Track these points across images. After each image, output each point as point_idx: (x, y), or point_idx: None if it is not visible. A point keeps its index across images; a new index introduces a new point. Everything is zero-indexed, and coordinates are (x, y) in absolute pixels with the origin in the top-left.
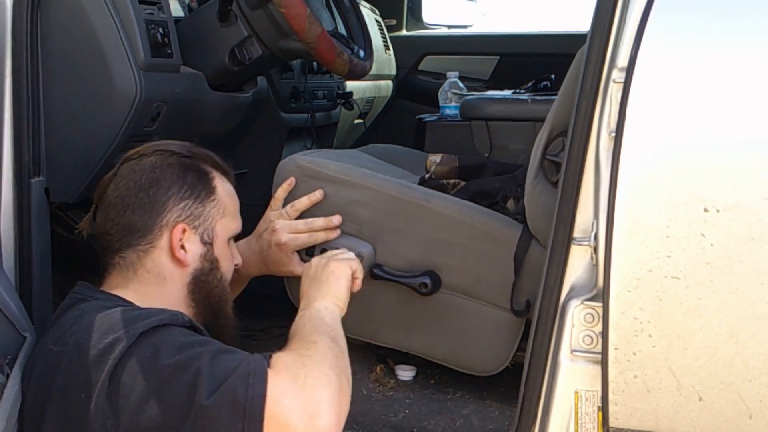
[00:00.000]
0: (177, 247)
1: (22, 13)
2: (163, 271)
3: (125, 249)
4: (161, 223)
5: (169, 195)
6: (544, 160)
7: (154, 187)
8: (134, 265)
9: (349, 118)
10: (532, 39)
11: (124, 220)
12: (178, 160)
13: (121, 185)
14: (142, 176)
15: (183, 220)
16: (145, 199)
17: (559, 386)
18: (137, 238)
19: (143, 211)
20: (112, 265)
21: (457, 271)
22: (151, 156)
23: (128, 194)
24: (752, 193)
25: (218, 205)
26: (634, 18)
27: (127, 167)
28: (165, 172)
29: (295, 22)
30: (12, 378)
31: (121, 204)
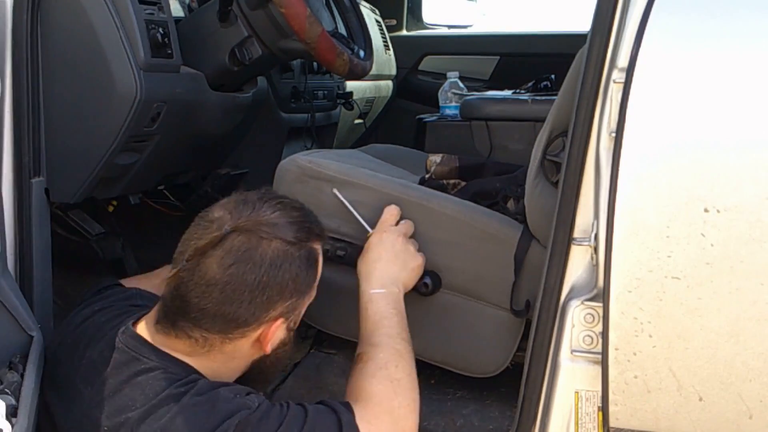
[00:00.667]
0: (269, 341)
1: (22, 14)
2: (238, 354)
3: (215, 332)
4: (263, 320)
5: (282, 297)
6: (544, 160)
7: (271, 288)
8: (212, 348)
9: (349, 118)
10: (532, 39)
11: (226, 309)
12: (298, 251)
13: (233, 268)
14: (262, 270)
15: (283, 315)
16: (259, 299)
17: (560, 386)
18: (232, 328)
19: (252, 310)
20: (188, 335)
21: (458, 271)
22: (272, 242)
23: (242, 286)
24: (752, 193)
25: (313, 291)
26: (634, 18)
27: (241, 245)
28: (286, 271)
29: (295, 22)
30: (27, 377)
31: (230, 292)
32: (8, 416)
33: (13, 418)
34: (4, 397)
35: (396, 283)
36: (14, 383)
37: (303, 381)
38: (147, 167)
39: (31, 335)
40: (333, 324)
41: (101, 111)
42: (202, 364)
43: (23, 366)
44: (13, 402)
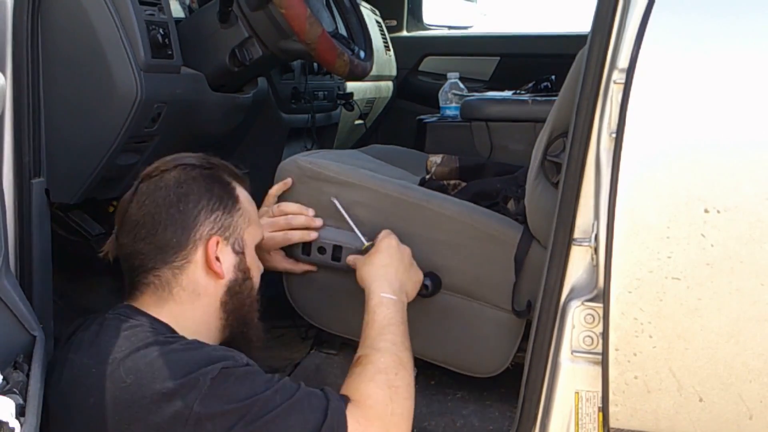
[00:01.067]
0: (213, 260)
1: (22, 14)
2: (198, 286)
3: (160, 267)
4: (195, 238)
5: (200, 208)
6: (544, 161)
7: (183, 202)
8: (170, 284)
9: (349, 118)
10: (533, 40)
11: (156, 238)
12: (200, 173)
13: (147, 203)
14: (169, 192)
15: (215, 232)
16: (177, 215)
17: (560, 387)
18: (172, 254)
19: (176, 227)
20: (145, 284)
21: (458, 271)
22: (172, 171)
23: (157, 211)
24: (752, 193)
25: (243, 214)
26: (634, 19)
27: (148, 184)
28: (191, 186)
29: (296, 22)
30: (33, 376)
31: (152, 222)
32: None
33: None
34: (13, 397)
35: (404, 291)
36: (20, 383)
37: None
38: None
39: (33, 335)
40: (333, 322)
41: (101, 111)
42: (175, 313)
43: (28, 365)
44: (20, 401)
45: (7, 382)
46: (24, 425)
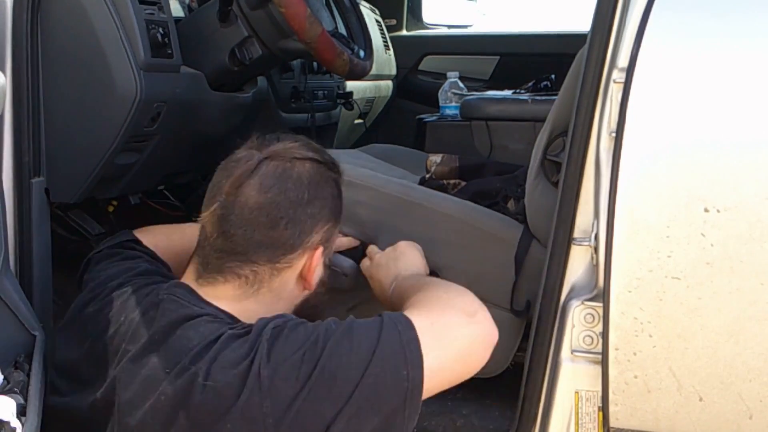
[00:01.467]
0: (313, 271)
1: (22, 13)
2: (284, 291)
3: (263, 263)
4: (306, 245)
5: (322, 215)
6: (544, 160)
7: (313, 205)
8: (261, 283)
9: (349, 118)
10: (532, 39)
11: (274, 233)
12: (331, 176)
13: (273, 189)
14: (302, 188)
15: (322, 243)
16: (303, 217)
17: (560, 386)
18: (280, 254)
19: (296, 229)
20: (237, 275)
21: (458, 271)
22: (306, 163)
23: (285, 204)
24: (752, 193)
25: (339, 224)
26: (634, 18)
27: (277, 167)
28: (325, 189)
29: (295, 22)
30: (33, 376)
31: (276, 213)
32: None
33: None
34: (14, 396)
35: (397, 274)
36: (21, 382)
37: None
38: (147, 167)
39: (33, 334)
40: None
41: (101, 111)
42: (249, 309)
43: (29, 365)
44: (21, 401)
45: (7, 381)
46: (25, 425)
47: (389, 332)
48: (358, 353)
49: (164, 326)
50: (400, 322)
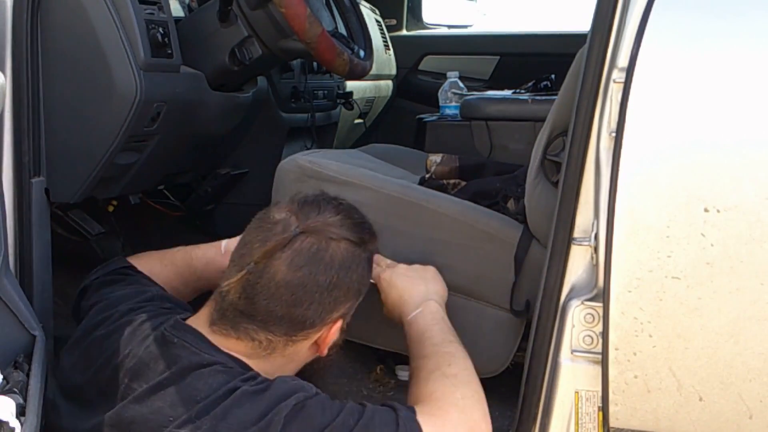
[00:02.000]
0: (327, 342)
1: (22, 13)
2: (297, 356)
3: (280, 335)
4: (326, 321)
5: (348, 297)
6: (544, 160)
7: (338, 289)
8: (274, 351)
9: (349, 118)
10: (532, 39)
11: (295, 311)
12: (363, 256)
13: (303, 269)
14: (331, 272)
15: (342, 316)
16: (327, 300)
17: (560, 386)
18: (298, 330)
19: (320, 311)
20: (251, 338)
21: (458, 271)
22: (340, 243)
23: (311, 286)
24: (752, 193)
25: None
26: (634, 18)
27: (312, 247)
28: (354, 272)
29: (295, 22)
30: (33, 376)
31: (301, 293)
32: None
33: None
34: (13, 396)
35: (426, 297)
36: (20, 382)
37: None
38: (147, 167)
39: (33, 334)
40: None
41: (101, 111)
42: (259, 366)
43: (28, 365)
44: (21, 401)
45: (7, 381)
46: (24, 425)
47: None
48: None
49: (174, 372)
50: (412, 427)
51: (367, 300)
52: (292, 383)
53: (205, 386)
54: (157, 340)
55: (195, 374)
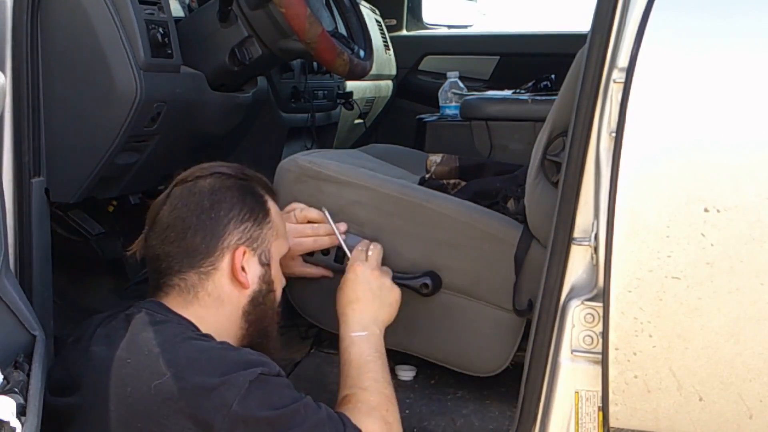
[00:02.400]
0: (238, 269)
1: (22, 13)
2: (223, 293)
3: (186, 270)
4: (223, 246)
5: (230, 217)
6: (544, 160)
7: (215, 209)
8: (195, 288)
9: (349, 118)
10: (532, 39)
11: (185, 242)
12: (235, 182)
13: (179, 207)
14: (202, 198)
15: (243, 242)
16: (207, 221)
17: (560, 386)
18: (199, 259)
19: (205, 233)
20: (171, 286)
21: (458, 271)
22: (208, 178)
23: (189, 216)
24: (752, 193)
25: (273, 227)
26: (634, 18)
27: (182, 189)
28: (225, 194)
29: (295, 22)
30: (33, 376)
31: (182, 225)
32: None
33: (22, 417)
34: (14, 396)
35: (376, 323)
36: (21, 382)
37: (303, 381)
38: (147, 167)
39: (33, 334)
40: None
41: (101, 111)
42: (201, 315)
43: (29, 365)
44: (21, 401)
45: (7, 381)
46: (25, 425)
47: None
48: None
49: (130, 333)
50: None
51: None
52: (259, 356)
53: (160, 336)
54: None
55: (150, 329)
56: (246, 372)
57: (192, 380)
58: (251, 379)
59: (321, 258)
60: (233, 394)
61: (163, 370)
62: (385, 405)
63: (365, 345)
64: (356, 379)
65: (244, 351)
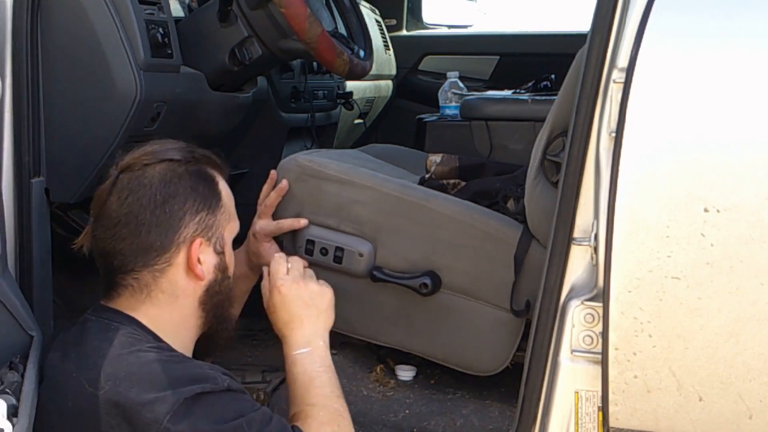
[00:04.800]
0: (195, 263)
1: (22, 13)
2: (178, 289)
3: (140, 269)
4: (179, 240)
5: (185, 210)
6: (544, 160)
7: (169, 203)
8: (149, 287)
9: (349, 118)
10: (532, 39)
11: (139, 240)
12: (186, 169)
13: (130, 200)
14: (154, 192)
15: (199, 233)
16: (162, 217)
17: (560, 386)
18: (154, 257)
19: (160, 230)
20: (124, 286)
21: (458, 271)
22: (156, 166)
23: (141, 211)
24: (752, 193)
25: (225, 210)
26: (634, 18)
27: (130, 178)
28: (177, 186)
29: (295, 22)
30: (27, 377)
31: (135, 222)
32: (9, 416)
33: (14, 418)
34: (5, 397)
35: (317, 334)
36: (15, 383)
37: None
38: None
39: (31, 335)
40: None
41: (101, 111)
42: (154, 314)
43: (23, 366)
44: (14, 402)
45: (1, 382)
46: (16, 426)
47: None
48: None
49: (84, 343)
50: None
51: (368, 298)
52: (206, 371)
53: (109, 346)
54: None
55: (101, 338)
56: (184, 389)
57: (127, 395)
58: (187, 396)
59: (320, 258)
60: (165, 410)
61: (102, 384)
62: (336, 420)
63: (308, 361)
64: (304, 396)
65: (191, 365)
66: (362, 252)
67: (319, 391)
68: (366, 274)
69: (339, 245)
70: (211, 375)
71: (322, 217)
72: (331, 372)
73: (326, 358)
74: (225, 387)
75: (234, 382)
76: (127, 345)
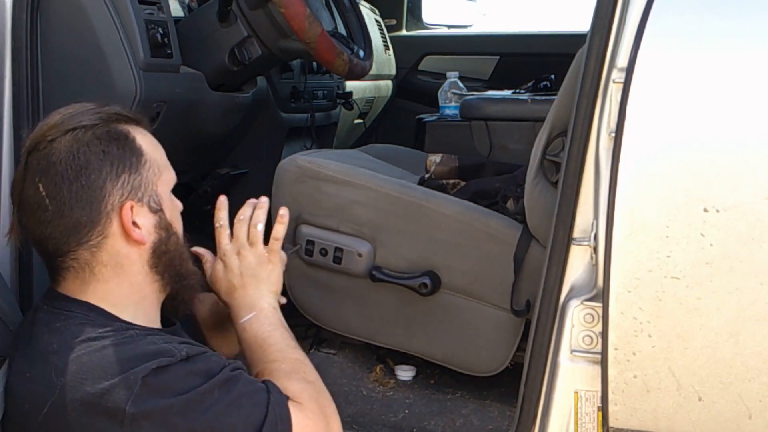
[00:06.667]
0: (131, 228)
1: (22, 13)
2: (121, 258)
3: (75, 249)
4: (107, 210)
5: (104, 177)
6: (544, 160)
7: (84, 175)
8: (90, 264)
9: (348, 118)
10: (532, 39)
11: (64, 220)
12: (93, 134)
13: (44, 182)
14: (65, 167)
15: (127, 197)
16: (81, 191)
17: (559, 386)
18: (85, 233)
19: (83, 204)
20: (66, 269)
21: (457, 271)
22: (61, 139)
23: (58, 191)
24: (752, 193)
25: (151, 165)
26: (633, 18)
27: (39, 159)
28: (87, 154)
29: (295, 22)
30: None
31: (55, 203)
32: None
33: None
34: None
35: (260, 298)
36: None
37: None
38: None
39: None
40: (334, 321)
41: None
42: (104, 291)
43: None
44: None
45: None
46: None
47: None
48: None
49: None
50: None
51: (367, 298)
52: (160, 345)
53: (59, 338)
54: (30, 313)
55: (51, 329)
56: (138, 368)
57: (82, 390)
58: (144, 374)
59: (320, 259)
60: (124, 396)
61: (54, 382)
62: (299, 368)
63: (257, 325)
64: (261, 357)
65: (144, 342)
66: (361, 252)
67: (274, 348)
68: (365, 275)
69: (338, 245)
70: (166, 348)
71: (322, 218)
72: (282, 328)
73: (273, 317)
74: (183, 356)
75: (193, 347)
76: (78, 333)
